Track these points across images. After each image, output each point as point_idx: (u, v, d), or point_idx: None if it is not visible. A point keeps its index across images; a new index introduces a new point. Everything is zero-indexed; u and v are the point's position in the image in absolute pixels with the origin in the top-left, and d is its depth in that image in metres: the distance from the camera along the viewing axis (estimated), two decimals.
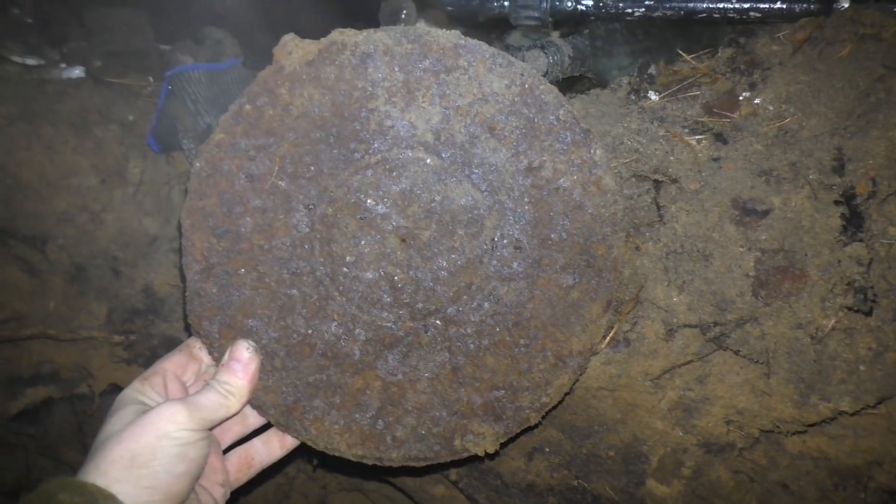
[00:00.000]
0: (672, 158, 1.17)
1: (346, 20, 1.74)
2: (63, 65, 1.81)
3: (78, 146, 1.55)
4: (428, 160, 1.02)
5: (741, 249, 1.09)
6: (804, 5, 1.17)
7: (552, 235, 1.03)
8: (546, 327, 1.04)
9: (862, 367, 1.05)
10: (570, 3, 1.38)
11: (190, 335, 1.04)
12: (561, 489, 1.26)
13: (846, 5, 1.14)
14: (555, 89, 1.03)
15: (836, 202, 1.06)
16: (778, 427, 1.12)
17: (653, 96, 1.30)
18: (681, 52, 1.35)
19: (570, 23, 1.45)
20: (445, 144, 1.02)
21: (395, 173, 1.02)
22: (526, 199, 1.03)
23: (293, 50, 1.00)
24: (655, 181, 1.17)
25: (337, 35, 1.01)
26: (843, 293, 1.04)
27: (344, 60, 1.01)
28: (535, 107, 1.02)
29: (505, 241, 1.03)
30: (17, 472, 1.79)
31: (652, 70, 1.44)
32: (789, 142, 1.12)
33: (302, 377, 1.02)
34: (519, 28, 1.49)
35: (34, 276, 1.57)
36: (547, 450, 1.27)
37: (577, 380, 1.06)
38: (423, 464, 1.04)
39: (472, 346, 1.03)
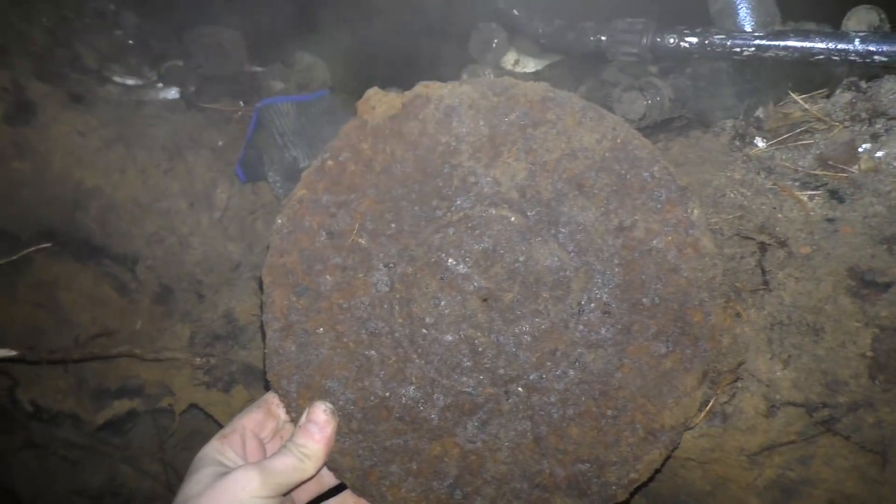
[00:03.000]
0: (780, 216, 1.08)
1: (437, 50, 1.72)
2: (160, 84, 1.86)
3: (169, 170, 1.58)
4: (512, 218, 0.98)
5: (857, 325, 0.99)
6: None
7: (644, 300, 0.96)
8: (636, 398, 0.97)
9: None
10: (672, 40, 1.30)
11: (268, 390, 1.03)
12: None
13: None
14: (649, 144, 0.96)
15: None
16: None
17: (759, 143, 1.20)
18: (791, 92, 1.25)
19: (672, 60, 1.37)
20: (531, 202, 0.97)
21: (477, 232, 0.98)
22: (616, 261, 0.96)
23: (376, 104, 0.98)
24: (761, 243, 1.08)
25: (421, 88, 0.98)
26: None
27: (428, 115, 0.97)
28: (627, 162, 0.96)
29: (592, 304, 0.97)
30: (103, 478, 1.86)
31: (759, 113, 1.34)
32: None
33: (379, 441, 0.99)
34: (616, 64, 1.43)
35: (124, 295, 1.62)
36: None
37: (669, 456, 0.99)
38: None
39: (555, 415, 0.98)
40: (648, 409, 0.97)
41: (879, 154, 1.07)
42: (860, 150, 1.09)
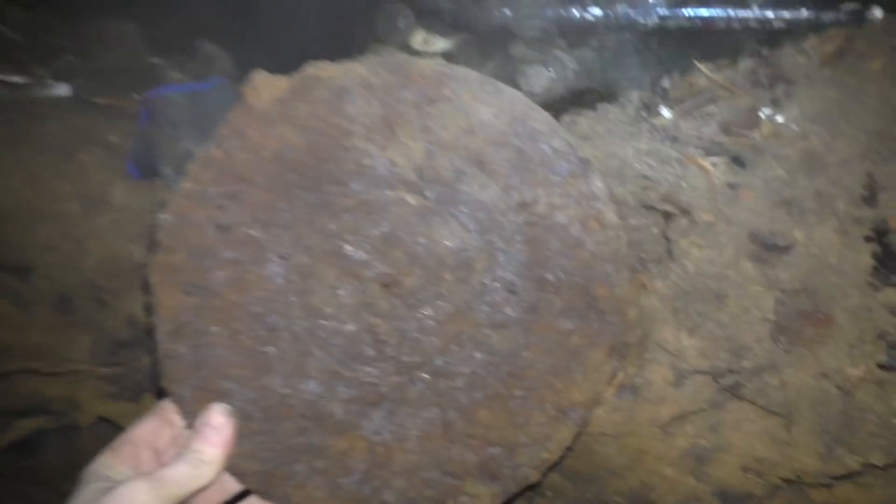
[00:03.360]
0: (684, 185, 1.07)
1: (342, 32, 1.66)
2: (51, 81, 1.75)
3: (61, 172, 1.49)
4: (410, 200, 0.94)
5: (759, 289, 0.99)
6: (833, 14, 1.07)
7: (549, 276, 0.94)
8: (544, 377, 0.95)
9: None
10: (576, 12, 1.28)
11: (161, 397, 0.97)
12: None
13: (879, 16, 1.04)
14: (548, 116, 0.94)
15: (867, 238, 0.96)
16: (800, 478, 1.03)
17: (665, 113, 1.20)
18: (696, 62, 1.25)
19: (576, 32, 1.35)
20: (429, 182, 0.93)
21: (375, 216, 0.94)
22: (519, 238, 0.94)
23: (263, 88, 0.92)
24: (665, 212, 1.07)
25: (310, 70, 0.93)
26: (873, 342, 0.94)
27: (318, 96, 0.92)
28: (526, 136, 0.93)
29: (497, 284, 0.94)
30: (16, 502, 1.76)
31: (665, 83, 1.33)
32: (815, 167, 1.01)
33: (281, 440, 0.94)
34: (522, 38, 1.40)
35: (21, 308, 1.52)
36: (549, 493, 1.19)
37: (581, 432, 0.98)
38: None
39: (463, 400, 0.95)
40: (557, 386, 0.95)
41: (779, 118, 1.07)
42: (761, 115, 1.09)
